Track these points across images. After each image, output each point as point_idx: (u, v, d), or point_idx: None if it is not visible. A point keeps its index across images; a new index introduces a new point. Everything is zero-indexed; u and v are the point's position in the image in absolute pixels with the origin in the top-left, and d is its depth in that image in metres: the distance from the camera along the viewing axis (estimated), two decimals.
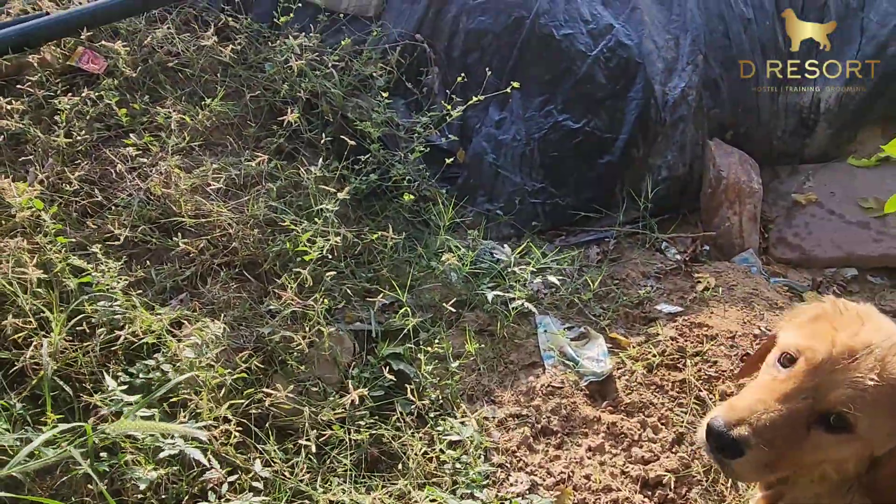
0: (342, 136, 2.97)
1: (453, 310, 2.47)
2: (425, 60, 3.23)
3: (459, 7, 3.26)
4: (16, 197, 2.31)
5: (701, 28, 3.35)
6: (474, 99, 2.86)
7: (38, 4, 3.03)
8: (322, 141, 2.86)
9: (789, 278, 3.14)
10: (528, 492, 2.08)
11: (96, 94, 2.73)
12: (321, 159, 2.79)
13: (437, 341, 2.43)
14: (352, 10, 3.27)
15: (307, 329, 2.27)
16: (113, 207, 2.51)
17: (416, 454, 2.11)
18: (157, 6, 3.04)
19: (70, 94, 2.81)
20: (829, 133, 3.48)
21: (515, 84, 2.91)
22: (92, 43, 3.01)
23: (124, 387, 1.90)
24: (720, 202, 3.22)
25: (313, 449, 1.98)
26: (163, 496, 1.86)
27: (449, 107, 2.84)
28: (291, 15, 3.05)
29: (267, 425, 2.12)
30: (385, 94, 2.91)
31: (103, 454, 1.88)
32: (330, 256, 2.43)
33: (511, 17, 3.21)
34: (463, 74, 3.00)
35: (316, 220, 2.46)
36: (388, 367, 2.29)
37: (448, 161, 2.90)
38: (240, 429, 2.01)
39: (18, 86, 2.76)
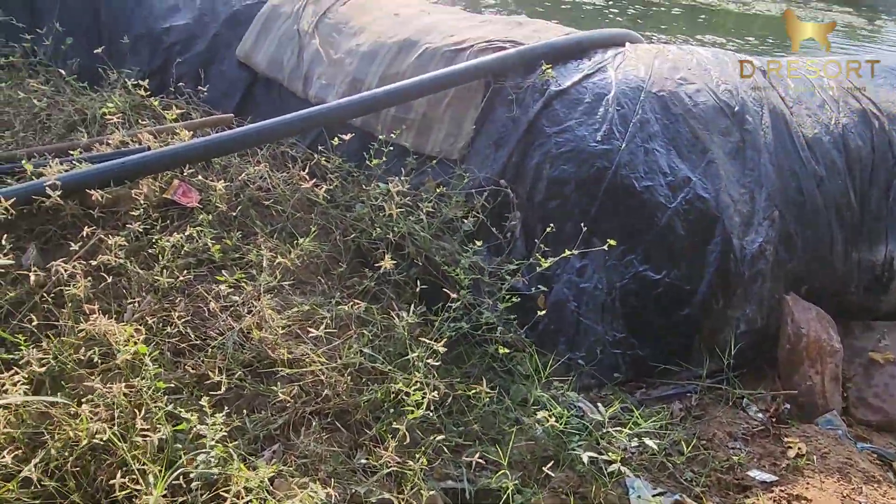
0: (428, 277, 3.00)
1: (551, 475, 2.39)
2: (507, 205, 3.28)
3: (542, 155, 3.34)
4: (117, 337, 2.30)
5: (775, 183, 3.41)
6: (566, 253, 2.88)
7: (138, 137, 3.12)
8: (413, 286, 2.86)
9: (874, 443, 3.06)
10: None
11: (193, 228, 2.76)
12: (412, 305, 2.78)
13: None
14: (437, 152, 3.36)
15: (406, 490, 2.20)
16: (208, 350, 2.48)
17: None
18: (253, 146, 3.12)
19: (165, 228, 2.86)
20: None
21: (612, 242, 2.94)
22: (185, 175, 3.09)
23: None
24: (800, 360, 3.18)
25: None
26: None
27: (541, 259, 2.85)
28: (384, 159, 3.12)
29: None
30: (479, 244, 2.93)
31: None
32: (430, 414, 2.38)
33: (593, 168, 3.28)
34: (552, 226, 3.03)
35: (416, 372, 2.43)
36: None
37: (541, 312, 2.89)
38: None
39: (118, 220, 2.81)
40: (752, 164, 3.47)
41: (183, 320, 2.56)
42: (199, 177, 3.02)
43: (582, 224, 3.09)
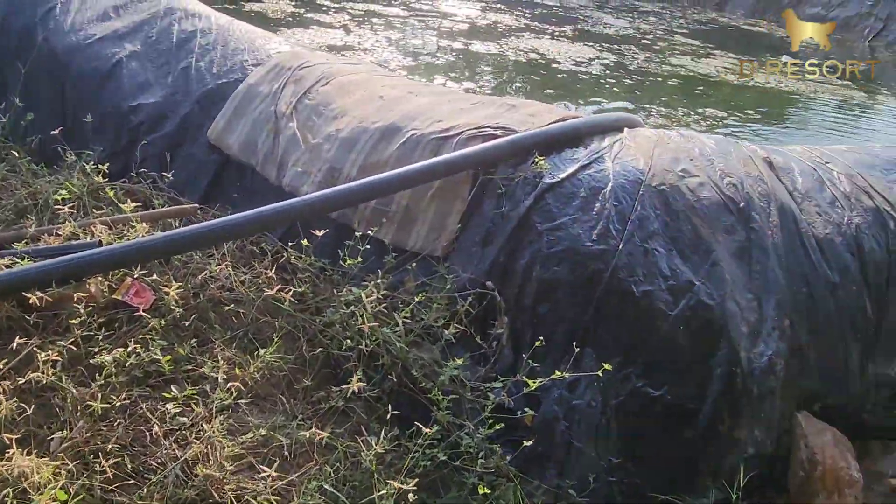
0: (404, 390, 2.72)
1: None
2: (494, 309, 3.00)
3: (533, 254, 3.07)
4: (34, 480, 1.99)
5: (784, 290, 3.15)
6: (557, 374, 2.60)
7: (91, 229, 2.85)
8: (386, 402, 2.57)
9: None
10: None
11: (140, 342, 2.47)
12: (384, 426, 2.47)
13: None
14: (419, 248, 3.09)
15: None
16: (144, 489, 2.17)
17: None
18: (217, 243, 2.86)
19: (112, 334, 2.57)
20: None
21: (607, 366, 2.66)
22: (139, 273, 2.81)
23: None
24: (815, 490, 2.87)
25: None
26: None
27: (529, 381, 2.56)
28: (360, 260, 2.85)
29: None
30: (461, 361, 2.64)
31: None
32: None
33: (588, 270, 3.02)
34: (541, 339, 2.75)
35: None
36: None
37: (527, 443, 2.58)
38: None
39: (59, 324, 2.53)
40: (760, 267, 3.21)
41: (118, 445, 2.26)
42: (155, 276, 2.74)
43: (574, 338, 2.82)
